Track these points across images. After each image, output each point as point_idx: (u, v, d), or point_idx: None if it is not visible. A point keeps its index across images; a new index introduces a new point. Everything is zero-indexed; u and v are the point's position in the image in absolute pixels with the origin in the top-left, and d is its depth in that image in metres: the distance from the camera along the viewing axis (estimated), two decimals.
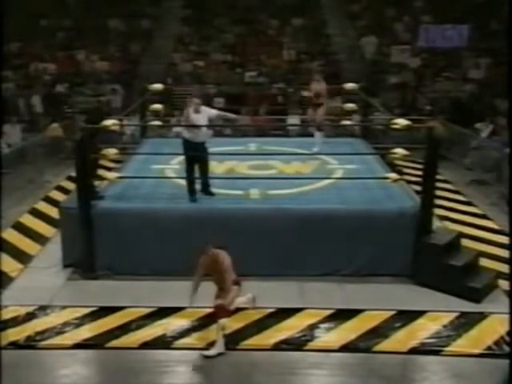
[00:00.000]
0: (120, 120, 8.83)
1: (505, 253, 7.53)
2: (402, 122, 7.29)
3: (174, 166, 8.64)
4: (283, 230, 6.88)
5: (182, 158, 8.80)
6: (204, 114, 7.07)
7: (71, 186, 9.55)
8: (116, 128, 7.55)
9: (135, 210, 7.06)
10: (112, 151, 7.39)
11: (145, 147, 9.87)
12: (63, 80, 15.44)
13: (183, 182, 7.77)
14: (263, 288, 6.65)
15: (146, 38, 17.54)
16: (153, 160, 8.66)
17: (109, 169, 9.35)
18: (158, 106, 10.41)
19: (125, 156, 9.28)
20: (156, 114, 11.13)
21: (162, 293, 6.59)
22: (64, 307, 6.32)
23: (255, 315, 6.15)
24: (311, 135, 10.34)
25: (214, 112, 7.27)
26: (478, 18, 16.56)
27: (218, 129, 13.47)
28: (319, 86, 9.62)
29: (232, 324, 5.92)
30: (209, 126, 7.29)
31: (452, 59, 16.28)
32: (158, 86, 10.37)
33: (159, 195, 7.42)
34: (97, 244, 6.96)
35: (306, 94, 11.35)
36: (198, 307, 6.26)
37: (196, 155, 7.12)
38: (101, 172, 7.83)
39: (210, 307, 5.73)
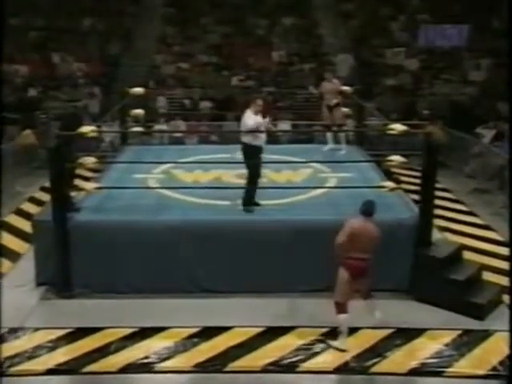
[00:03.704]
0: (98, 126, 8.83)
1: (509, 266, 7.60)
2: (398, 127, 7.34)
3: (158, 175, 8.63)
4: (273, 242, 6.89)
5: (165, 166, 8.91)
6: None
7: (45, 197, 9.49)
8: (94, 135, 7.51)
9: (115, 222, 7.03)
10: (89, 160, 7.36)
11: (125, 155, 9.85)
12: (36, 83, 15.41)
13: (167, 192, 7.79)
14: (251, 305, 6.65)
15: (125, 38, 17.58)
16: (134, 169, 8.65)
17: (86, 179, 9.31)
18: (139, 111, 10.40)
19: (103, 165, 9.28)
20: (137, 120, 11.13)
21: (143, 312, 6.56)
22: (37, 329, 6.25)
23: (242, 335, 6.14)
24: (303, 141, 10.43)
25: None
26: (477, 17, 16.82)
27: (203, 135, 13.59)
28: (331, 85, 9.70)
29: (216, 345, 5.91)
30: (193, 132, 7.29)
31: (451, 60, 16.49)
32: (139, 90, 10.38)
33: (141, 207, 7.40)
34: (73, 260, 6.91)
35: (314, 91, 11.42)
36: (182, 327, 6.26)
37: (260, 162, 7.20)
38: (77, 182, 7.80)
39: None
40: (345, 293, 5.88)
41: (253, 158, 7.15)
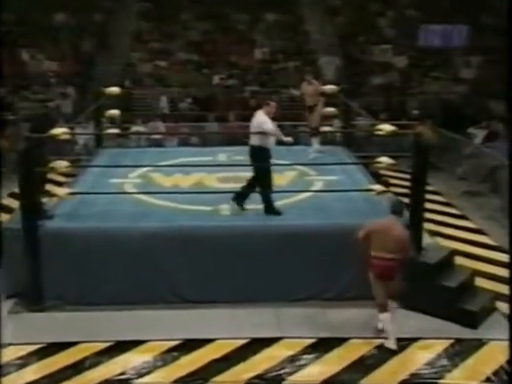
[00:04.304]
0: (71, 128, 8.75)
1: (503, 271, 7.68)
2: (387, 127, 7.41)
3: (135, 179, 8.60)
4: (257, 249, 6.89)
5: (143, 170, 8.88)
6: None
7: (14, 203, 9.38)
8: (67, 137, 7.47)
9: (89, 230, 6.98)
10: (62, 164, 7.31)
11: (100, 159, 9.80)
12: (4, 82, 15.25)
13: (145, 197, 7.75)
14: (235, 315, 6.65)
15: (100, 34, 17.49)
16: (110, 173, 8.60)
17: (59, 184, 9.24)
18: (114, 112, 10.36)
19: (77, 169, 9.19)
20: (113, 121, 11.08)
21: (120, 324, 6.51)
22: (5, 345, 6.16)
23: (225, 347, 6.12)
24: (288, 143, 10.43)
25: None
26: (467, 14, 17.04)
27: (183, 137, 13.56)
28: (311, 87, 9.79)
29: (198, 358, 5.89)
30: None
31: (441, 58, 16.66)
32: (114, 90, 10.34)
33: (117, 213, 7.37)
34: (44, 270, 6.84)
35: (294, 92, 11.53)
36: (161, 340, 6.23)
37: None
38: (49, 187, 7.73)
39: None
40: (378, 293, 6.13)
41: (262, 162, 7.20)
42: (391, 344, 6.11)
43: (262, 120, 7.16)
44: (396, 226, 6.06)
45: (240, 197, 7.36)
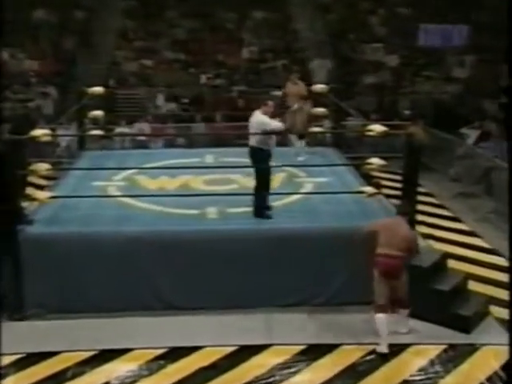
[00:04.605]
0: (53, 129, 8.72)
1: (497, 275, 7.74)
2: (378, 128, 7.44)
3: (119, 182, 8.57)
4: (245, 254, 6.89)
5: (127, 172, 8.85)
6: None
7: None
8: (48, 139, 7.44)
9: (72, 235, 6.94)
10: (43, 166, 7.28)
11: (83, 161, 9.76)
12: None
13: (130, 200, 7.73)
14: (223, 322, 6.64)
15: (82, 32, 17.42)
16: (93, 176, 8.57)
17: (40, 187, 9.18)
18: (98, 113, 10.32)
19: (59, 172, 9.17)
20: (96, 122, 11.03)
21: (104, 333, 6.48)
22: None
23: (213, 355, 6.11)
24: (276, 144, 10.43)
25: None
26: (460, 12, 17.16)
27: (169, 138, 13.53)
28: (295, 88, 9.77)
29: (185, 367, 5.88)
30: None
31: (433, 56, 16.76)
32: (98, 89, 10.29)
33: (101, 217, 7.35)
34: (25, 277, 6.79)
35: (276, 93, 11.54)
36: (147, 348, 6.20)
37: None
38: (30, 191, 7.70)
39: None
40: (379, 293, 6.16)
41: (262, 163, 7.21)
42: (383, 348, 6.13)
43: (263, 120, 7.13)
44: (403, 225, 6.27)
45: (258, 208, 7.30)
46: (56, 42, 16.96)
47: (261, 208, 7.29)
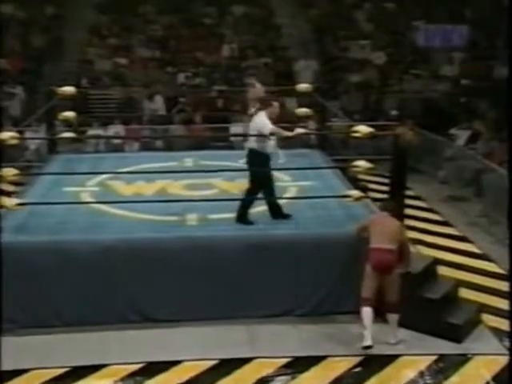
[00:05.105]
0: (20, 132, 8.65)
1: (488, 281, 7.82)
2: (364, 129, 7.47)
3: (92, 187, 8.53)
4: (227, 262, 6.88)
5: (100, 178, 8.81)
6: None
7: None
8: (15, 142, 7.39)
9: (42, 244, 6.89)
10: (11, 171, 7.22)
11: (54, 165, 9.70)
12: None
13: (104, 207, 7.69)
14: (204, 334, 6.63)
15: (52, 28, 17.30)
16: (64, 181, 8.53)
17: (7, 193, 9.07)
18: (69, 114, 10.23)
19: (28, 177, 9.09)
20: (68, 124, 10.96)
21: (77, 348, 6.43)
22: None
23: (192, 370, 6.08)
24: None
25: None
26: (449, 7, 17.36)
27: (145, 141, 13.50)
28: (252, 91, 9.67)
29: (163, 383, 5.85)
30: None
31: (421, 54, 16.90)
32: (69, 89, 10.20)
33: (73, 225, 7.30)
34: None
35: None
36: (122, 363, 6.17)
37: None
38: None
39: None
40: (367, 286, 6.40)
41: (260, 166, 7.23)
42: (368, 342, 6.26)
43: (261, 124, 7.14)
44: (390, 219, 6.60)
45: (273, 212, 7.38)
46: (23, 38, 16.81)
47: (244, 212, 7.29)
